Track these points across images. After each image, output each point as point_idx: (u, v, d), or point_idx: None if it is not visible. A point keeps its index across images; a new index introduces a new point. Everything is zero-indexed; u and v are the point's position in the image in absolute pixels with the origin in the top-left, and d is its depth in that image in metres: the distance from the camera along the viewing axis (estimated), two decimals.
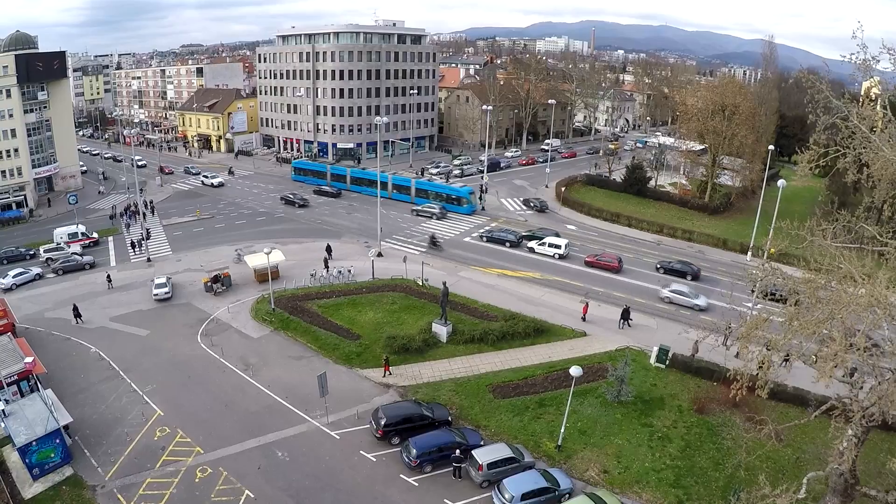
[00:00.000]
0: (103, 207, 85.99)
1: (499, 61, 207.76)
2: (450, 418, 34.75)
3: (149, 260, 61.22)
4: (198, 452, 32.44)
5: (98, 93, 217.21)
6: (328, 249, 59.00)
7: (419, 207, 79.70)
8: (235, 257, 60.05)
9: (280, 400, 37.18)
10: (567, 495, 29.18)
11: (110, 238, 70.32)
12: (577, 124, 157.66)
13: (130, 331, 46.28)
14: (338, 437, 33.90)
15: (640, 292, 54.65)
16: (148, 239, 65.41)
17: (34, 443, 30.26)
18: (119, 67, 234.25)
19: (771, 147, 69.98)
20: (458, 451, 30.57)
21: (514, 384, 38.61)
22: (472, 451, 30.68)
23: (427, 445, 31.03)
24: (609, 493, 29.46)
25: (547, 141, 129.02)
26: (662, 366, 41.58)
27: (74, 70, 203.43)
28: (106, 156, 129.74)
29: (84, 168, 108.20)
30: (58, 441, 31.03)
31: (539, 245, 64.11)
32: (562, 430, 33.09)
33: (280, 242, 62.43)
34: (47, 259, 61.45)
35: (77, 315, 47.64)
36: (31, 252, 64.33)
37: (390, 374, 39.65)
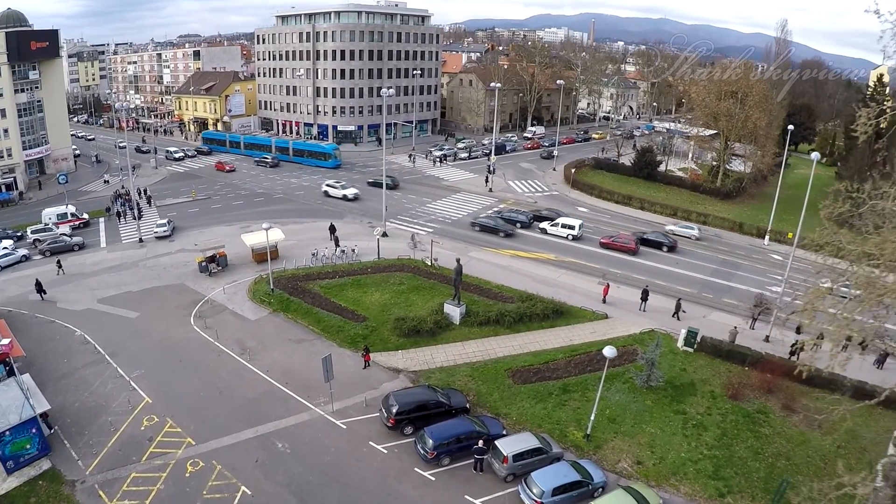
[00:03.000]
0: (96, 190, 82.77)
1: (501, 48, 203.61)
2: (467, 405, 31.69)
3: (141, 241, 58.20)
4: (189, 444, 29.36)
5: (94, 79, 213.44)
6: (332, 229, 55.90)
7: (258, 158, 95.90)
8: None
9: (280, 386, 34.12)
10: (601, 489, 26.21)
11: (101, 219, 67.13)
12: (580, 111, 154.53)
13: (119, 313, 43.15)
14: (344, 427, 30.83)
15: (659, 274, 51.82)
16: (140, 219, 62.20)
17: (7, 432, 27.08)
18: (115, 53, 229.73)
19: (791, 126, 66.78)
20: (479, 441, 27.52)
21: (534, 369, 35.56)
22: (496, 442, 27.61)
23: (445, 435, 27.83)
24: (645, 487, 26.55)
25: (530, 128, 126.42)
26: (690, 349, 38.70)
27: (70, 56, 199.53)
28: (121, 144, 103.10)
29: (77, 152, 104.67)
30: (34, 431, 27.92)
31: (552, 226, 61.27)
32: (591, 418, 30.04)
33: (280, 223, 59.25)
34: (34, 240, 58.45)
35: (40, 290, 45.12)
36: (19, 234, 61.27)
37: (370, 364, 36.21)
